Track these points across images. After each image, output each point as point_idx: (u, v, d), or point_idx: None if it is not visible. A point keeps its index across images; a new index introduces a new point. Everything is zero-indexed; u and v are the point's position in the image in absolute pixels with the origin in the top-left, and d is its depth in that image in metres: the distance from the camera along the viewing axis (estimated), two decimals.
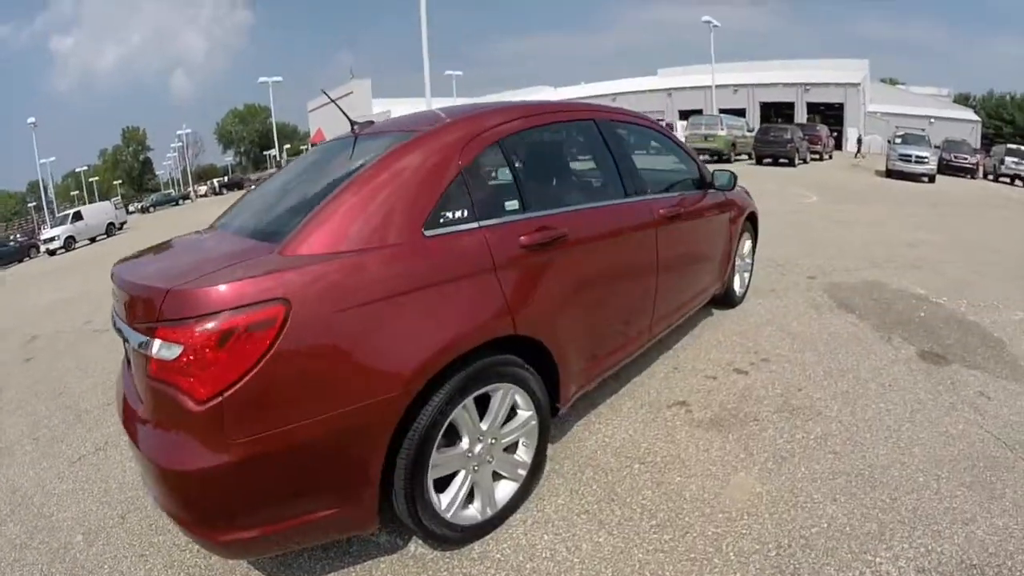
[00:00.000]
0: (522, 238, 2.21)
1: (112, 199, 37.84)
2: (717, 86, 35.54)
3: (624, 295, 2.94)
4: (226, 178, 56.57)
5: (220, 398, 1.53)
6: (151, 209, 44.79)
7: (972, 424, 2.85)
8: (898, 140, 19.97)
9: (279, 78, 37.76)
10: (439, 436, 1.89)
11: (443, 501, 2.02)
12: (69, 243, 24.66)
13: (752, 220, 4.89)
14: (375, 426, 1.71)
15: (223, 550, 1.72)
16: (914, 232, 8.00)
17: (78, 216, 26.37)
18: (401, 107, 47.70)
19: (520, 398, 2.22)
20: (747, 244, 4.88)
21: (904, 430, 2.83)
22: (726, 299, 4.71)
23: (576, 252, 2.47)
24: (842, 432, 2.84)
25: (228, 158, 77.25)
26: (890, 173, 18.82)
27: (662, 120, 32.51)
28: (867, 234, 7.95)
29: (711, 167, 4.07)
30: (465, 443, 2.04)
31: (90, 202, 45.18)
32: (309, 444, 1.62)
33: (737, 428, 2.96)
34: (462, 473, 2.08)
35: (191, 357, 1.52)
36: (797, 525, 2.21)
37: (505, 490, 2.28)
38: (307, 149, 33.69)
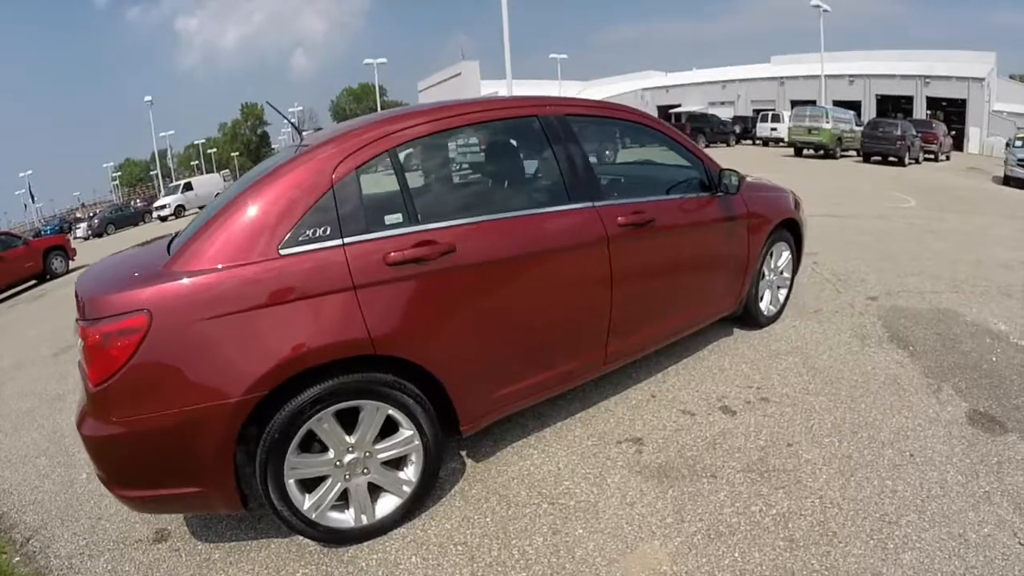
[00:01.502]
0: (391, 254, 2.05)
1: (222, 172, 40.86)
2: (831, 76, 32.10)
3: (556, 315, 2.54)
4: None
5: (105, 385, 1.81)
6: None
7: (1004, 529, 2.07)
8: (1017, 143, 16.19)
9: (384, 59, 38.97)
10: (294, 441, 1.96)
11: (308, 501, 2.07)
12: (179, 211, 26.64)
13: (791, 228, 4.08)
14: (220, 424, 1.85)
15: (126, 503, 2.02)
16: (1016, 252, 6.57)
17: (188, 187, 28.39)
18: (507, 90, 47.00)
19: (399, 416, 2.13)
20: (783, 256, 4.09)
21: (904, 524, 2.11)
22: (749, 319, 3.99)
23: (473, 268, 2.22)
24: (815, 513, 2.17)
25: None
26: (1007, 180, 15.48)
27: (771, 110, 29.88)
28: (959, 249, 6.62)
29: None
30: (331, 453, 2.07)
31: (208, 172, 48.57)
32: (168, 431, 1.83)
33: (683, 483, 2.39)
34: (330, 480, 2.10)
35: (88, 351, 1.84)
36: None
37: (387, 504, 2.25)
38: None
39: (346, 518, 2.16)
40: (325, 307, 1.94)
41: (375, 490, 2.20)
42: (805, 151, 21.53)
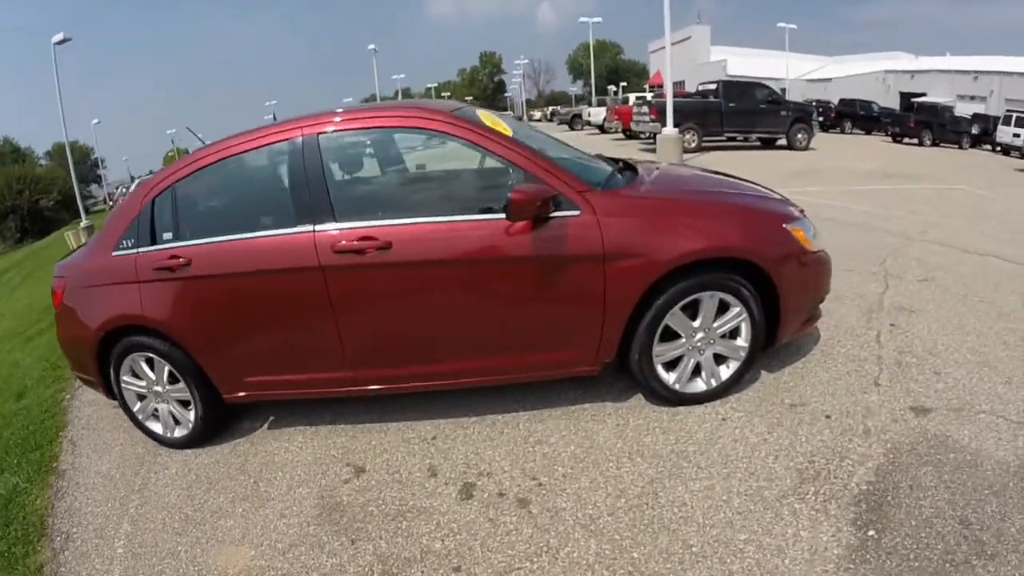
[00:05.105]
0: (155, 263, 2.70)
1: None
2: None
3: (284, 330, 2.72)
4: (558, 108, 48.10)
5: (56, 311, 3.03)
6: None
7: None
8: None
9: (599, 19, 38.56)
10: (123, 366, 2.88)
11: (137, 405, 3.00)
12: None
13: (749, 271, 2.58)
14: (88, 345, 2.84)
15: (74, 374, 3.35)
16: None
17: None
18: (737, 59, 43.48)
19: (175, 371, 2.82)
20: (730, 314, 2.63)
21: None
22: (644, 383, 2.72)
23: (203, 279, 2.67)
24: None
25: (575, 88, 77.12)
26: None
27: (1019, 112, 21.24)
28: None
29: None
30: (144, 382, 2.91)
31: None
32: (75, 341, 2.95)
33: (323, 528, 2.25)
34: (147, 399, 2.97)
35: (52, 291, 3.04)
36: None
37: (182, 430, 3.02)
38: (646, 89, 34.39)
39: (158, 427, 3.05)
40: (124, 291, 2.76)
41: (180, 418, 3.01)
42: None
